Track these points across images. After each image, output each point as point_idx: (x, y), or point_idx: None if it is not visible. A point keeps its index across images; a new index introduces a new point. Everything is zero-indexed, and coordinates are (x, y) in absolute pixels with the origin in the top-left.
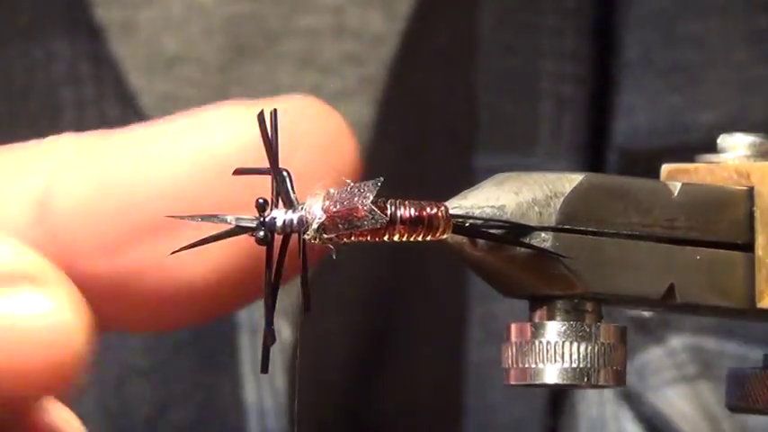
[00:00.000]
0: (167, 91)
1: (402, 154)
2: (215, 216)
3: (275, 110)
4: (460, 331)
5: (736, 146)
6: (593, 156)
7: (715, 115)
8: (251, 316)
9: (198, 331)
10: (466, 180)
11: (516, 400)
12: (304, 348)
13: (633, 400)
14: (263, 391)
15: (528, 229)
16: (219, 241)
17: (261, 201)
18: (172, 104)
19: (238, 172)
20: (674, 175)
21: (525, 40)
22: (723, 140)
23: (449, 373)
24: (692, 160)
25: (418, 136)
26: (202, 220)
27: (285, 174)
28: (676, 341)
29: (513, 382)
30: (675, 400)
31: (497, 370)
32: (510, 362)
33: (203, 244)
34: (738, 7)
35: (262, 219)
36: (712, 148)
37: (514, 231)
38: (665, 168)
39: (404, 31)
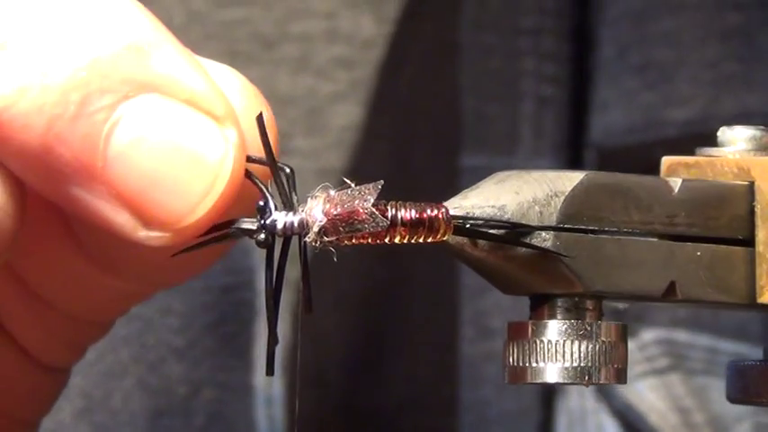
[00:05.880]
0: None
1: (390, 154)
2: None
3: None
4: (454, 327)
5: (736, 139)
6: (573, 154)
7: (688, 111)
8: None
9: (222, 315)
10: (452, 180)
11: (508, 394)
12: (302, 346)
13: (607, 395)
14: (272, 380)
15: (528, 229)
16: None
17: (261, 203)
18: None
19: None
20: (675, 169)
21: (506, 42)
22: (723, 133)
23: (444, 368)
24: (665, 154)
25: (406, 137)
26: None
27: (285, 174)
28: (648, 334)
29: (513, 381)
30: (647, 394)
31: (490, 365)
32: (510, 360)
33: (202, 247)
34: (709, 5)
35: (262, 222)
36: (686, 143)
37: (515, 231)
38: (666, 161)
39: (392, 35)
